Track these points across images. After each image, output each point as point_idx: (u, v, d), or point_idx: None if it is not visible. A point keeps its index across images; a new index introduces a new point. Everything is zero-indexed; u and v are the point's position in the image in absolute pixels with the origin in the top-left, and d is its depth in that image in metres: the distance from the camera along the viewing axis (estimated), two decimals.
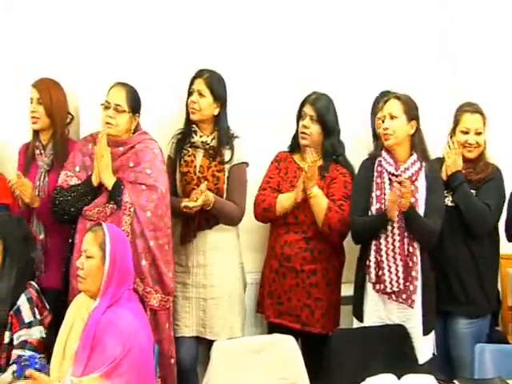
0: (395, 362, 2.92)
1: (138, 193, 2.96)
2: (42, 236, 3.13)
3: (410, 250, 2.98)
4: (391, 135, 3.00)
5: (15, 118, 3.28)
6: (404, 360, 2.98)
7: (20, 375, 2.56)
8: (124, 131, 3.04)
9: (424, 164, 3.04)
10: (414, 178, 3.01)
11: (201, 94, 3.18)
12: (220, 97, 3.20)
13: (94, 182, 2.98)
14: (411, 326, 3.02)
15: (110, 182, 2.95)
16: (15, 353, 2.65)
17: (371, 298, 3.06)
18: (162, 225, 2.99)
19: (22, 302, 2.73)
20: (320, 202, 3.15)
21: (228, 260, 3.27)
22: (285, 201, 3.20)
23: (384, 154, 3.07)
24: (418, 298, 2.99)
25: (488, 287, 3.25)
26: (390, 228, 2.99)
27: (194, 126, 3.25)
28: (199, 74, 3.22)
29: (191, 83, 3.22)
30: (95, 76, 3.21)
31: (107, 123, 3.00)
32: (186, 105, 3.24)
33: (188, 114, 3.24)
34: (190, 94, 3.22)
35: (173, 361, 3.07)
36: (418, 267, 2.99)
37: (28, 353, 2.64)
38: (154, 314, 2.93)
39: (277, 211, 3.20)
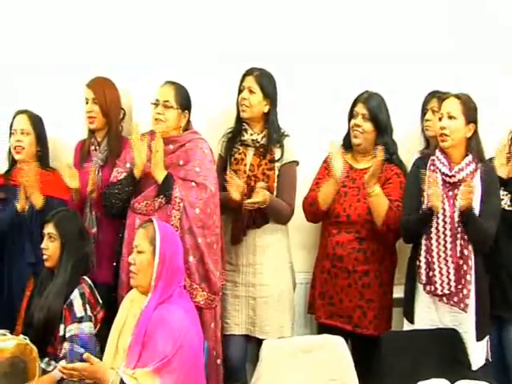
0: (447, 367, 2.94)
1: (187, 189, 3.06)
2: (94, 229, 3.26)
3: (465, 252, 2.98)
4: (447, 136, 3.00)
5: (70, 115, 3.42)
6: (457, 365, 2.99)
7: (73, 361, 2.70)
8: (173, 127, 3.14)
9: (479, 166, 3.04)
10: (468, 179, 2.99)
11: (251, 91, 3.26)
12: (270, 94, 3.28)
13: (136, 175, 3.09)
14: (464, 331, 3.03)
15: (160, 176, 3.06)
16: (65, 347, 2.80)
17: (422, 299, 3.08)
18: (210, 223, 3.08)
19: (75, 297, 2.85)
20: (381, 201, 3.15)
21: (277, 259, 3.33)
22: (324, 188, 3.20)
23: (438, 153, 3.07)
24: (471, 302, 2.99)
25: None
26: (441, 229, 3.00)
27: (245, 124, 3.33)
28: (249, 71, 3.30)
29: (242, 81, 3.31)
30: (147, 76, 3.32)
31: (156, 120, 3.12)
32: (237, 103, 3.31)
33: (238, 112, 3.32)
34: (240, 91, 3.30)
35: (219, 361, 3.16)
36: (472, 271, 2.99)
37: (77, 348, 2.76)
38: (199, 312, 3.00)
39: (320, 202, 3.22)
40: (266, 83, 3.27)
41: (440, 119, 3.04)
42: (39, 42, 3.43)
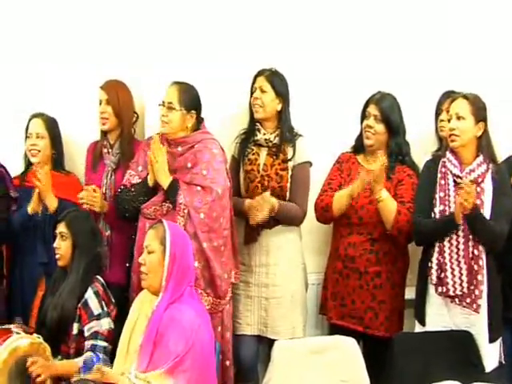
0: (460, 369, 2.94)
1: (192, 194, 3.06)
2: (108, 232, 3.31)
3: (475, 253, 2.99)
4: (457, 137, 3.01)
5: (83, 117, 3.48)
6: (469, 367, 3.00)
7: (86, 373, 2.74)
8: (178, 129, 3.15)
9: (491, 166, 3.04)
10: (479, 179, 3.02)
11: (263, 91, 3.30)
12: (282, 92, 3.31)
13: (150, 182, 3.12)
14: (476, 333, 3.03)
15: (165, 182, 3.08)
16: (88, 343, 2.84)
17: (434, 301, 3.09)
18: (216, 226, 3.08)
19: (89, 296, 2.89)
20: (389, 206, 3.18)
21: (290, 260, 3.36)
22: (340, 198, 3.24)
23: (448, 154, 3.08)
24: (483, 303, 3.00)
25: None
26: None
27: (258, 124, 3.36)
28: (260, 72, 3.34)
29: (253, 82, 3.34)
30: (160, 77, 3.35)
31: (162, 121, 3.15)
32: (250, 104, 3.35)
33: (252, 113, 3.35)
34: (252, 92, 3.34)
35: (228, 363, 3.19)
36: (484, 271, 2.99)
37: (100, 343, 2.82)
38: None
39: (334, 210, 3.25)
40: (277, 82, 3.30)
41: (449, 120, 3.05)
42: (54, 44, 3.48)
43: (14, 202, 3.30)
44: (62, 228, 2.96)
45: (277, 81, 3.30)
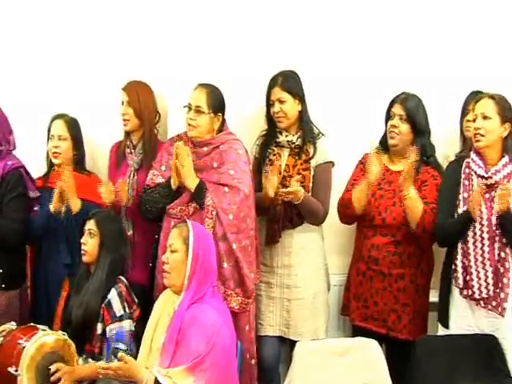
0: (484, 374, 2.97)
1: (220, 195, 3.13)
2: (130, 232, 3.38)
3: (502, 255, 3.01)
4: (482, 136, 3.03)
5: (107, 117, 3.55)
6: (494, 372, 3.01)
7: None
8: (206, 132, 3.22)
9: None
10: (505, 181, 3.02)
11: (281, 101, 3.32)
12: (298, 93, 3.34)
13: (173, 186, 3.18)
14: (501, 336, 3.04)
15: (192, 184, 3.14)
16: (110, 345, 2.90)
17: (458, 303, 3.11)
18: (244, 227, 3.15)
19: (113, 296, 2.96)
20: (416, 204, 3.19)
21: (313, 261, 3.41)
22: (358, 189, 3.26)
23: (473, 155, 3.10)
24: (509, 306, 3.01)
25: None
26: (478, 232, 3.02)
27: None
28: (273, 82, 3.35)
29: (268, 94, 3.36)
30: (183, 78, 3.42)
31: (189, 125, 3.21)
32: (268, 114, 3.39)
33: (273, 121, 3.37)
34: (270, 104, 3.36)
35: (253, 361, 3.25)
36: (510, 274, 3.01)
37: (122, 346, 2.89)
38: (234, 317, 3.05)
39: (354, 202, 3.27)
40: (292, 85, 3.32)
41: (474, 120, 3.07)
42: (76, 44, 3.56)
43: (35, 202, 3.34)
44: (91, 225, 3.04)
45: (291, 85, 3.32)
